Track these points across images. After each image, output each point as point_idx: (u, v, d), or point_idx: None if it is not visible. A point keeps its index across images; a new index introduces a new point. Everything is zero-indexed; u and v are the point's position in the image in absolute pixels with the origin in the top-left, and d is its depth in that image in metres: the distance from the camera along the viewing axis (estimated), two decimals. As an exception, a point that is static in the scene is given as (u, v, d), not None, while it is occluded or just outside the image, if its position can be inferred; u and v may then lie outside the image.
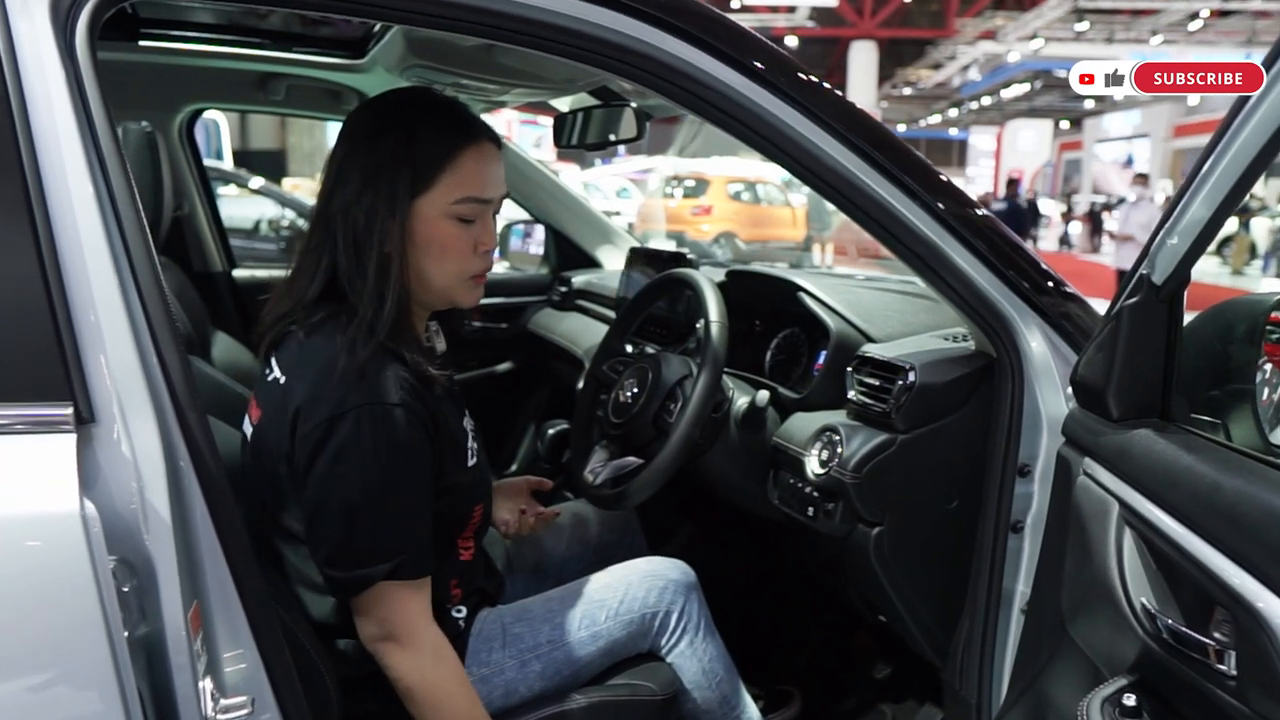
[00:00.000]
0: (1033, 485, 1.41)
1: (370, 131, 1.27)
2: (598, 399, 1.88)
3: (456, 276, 1.30)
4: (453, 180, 1.25)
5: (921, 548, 1.54)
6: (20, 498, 0.82)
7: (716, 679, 1.57)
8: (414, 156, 1.24)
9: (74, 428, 0.85)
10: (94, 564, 0.81)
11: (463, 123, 1.29)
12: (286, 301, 1.29)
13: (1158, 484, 1.00)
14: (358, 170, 1.24)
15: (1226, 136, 0.90)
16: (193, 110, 2.61)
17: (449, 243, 1.27)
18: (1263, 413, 1.14)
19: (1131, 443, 1.08)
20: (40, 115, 0.91)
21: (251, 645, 0.99)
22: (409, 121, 1.26)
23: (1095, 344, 1.15)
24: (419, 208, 1.25)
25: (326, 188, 1.28)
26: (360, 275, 1.24)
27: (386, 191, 1.23)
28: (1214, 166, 0.92)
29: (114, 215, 0.92)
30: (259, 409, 1.29)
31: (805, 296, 1.81)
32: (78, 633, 0.82)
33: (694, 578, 1.56)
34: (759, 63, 1.25)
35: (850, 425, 1.56)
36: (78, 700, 0.83)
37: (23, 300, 0.86)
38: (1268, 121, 0.86)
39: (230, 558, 0.96)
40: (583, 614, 1.46)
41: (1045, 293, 1.39)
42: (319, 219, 1.28)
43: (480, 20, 1.13)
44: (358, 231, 1.24)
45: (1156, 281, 1.05)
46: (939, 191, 1.34)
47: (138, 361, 0.90)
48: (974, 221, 1.35)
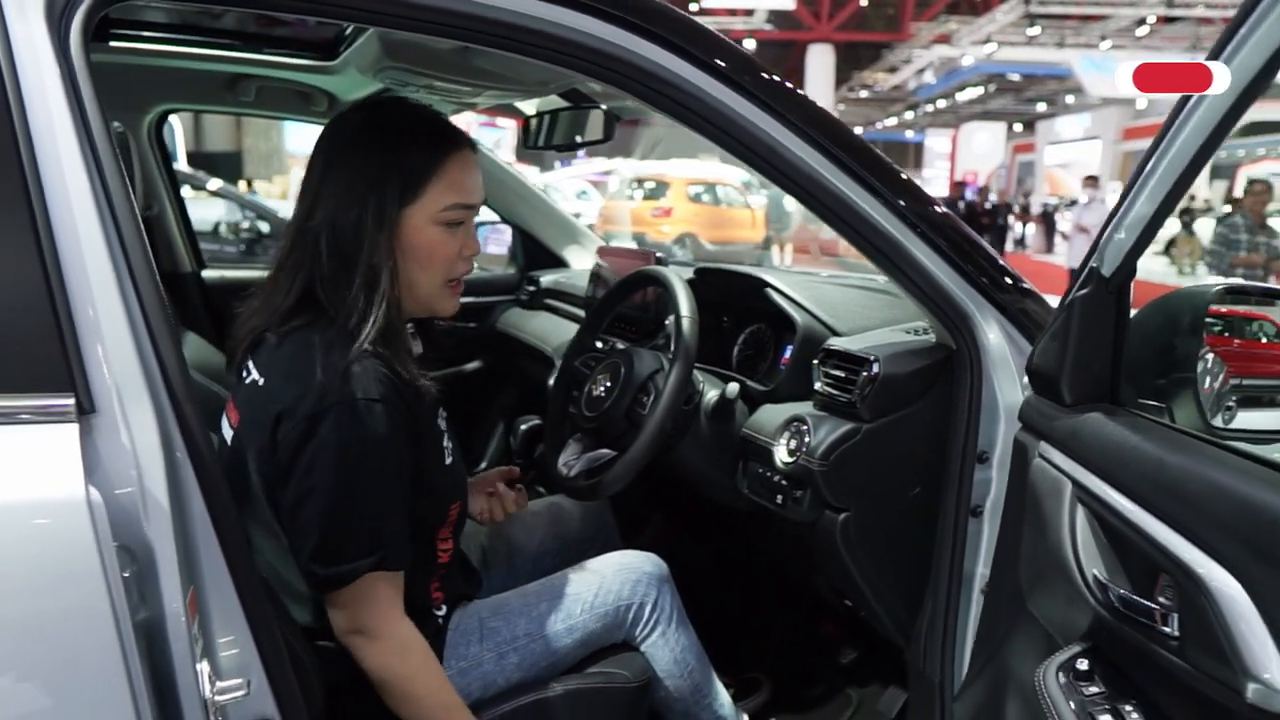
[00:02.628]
0: (991, 471, 1.46)
1: (352, 144, 1.29)
2: (570, 394, 1.92)
3: (442, 282, 1.34)
4: (440, 188, 1.29)
5: (886, 532, 1.59)
6: (28, 483, 0.84)
7: (688, 668, 1.62)
8: (401, 167, 1.27)
9: (76, 418, 0.87)
10: (100, 548, 0.84)
11: (445, 131, 1.33)
12: (263, 313, 1.30)
13: (1108, 463, 1.06)
14: (342, 183, 1.26)
15: (1168, 137, 0.97)
16: (162, 111, 2.61)
17: (437, 249, 1.31)
18: (1205, 399, 1.21)
19: (1083, 426, 1.14)
20: (37, 114, 0.93)
21: (245, 631, 1.01)
22: (393, 132, 1.29)
23: (1049, 334, 1.21)
24: (408, 217, 1.28)
25: (307, 202, 1.29)
26: (346, 286, 1.25)
27: (375, 203, 1.25)
28: (1156, 165, 0.99)
29: (110, 211, 0.94)
30: (237, 412, 1.31)
31: (772, 292, 1.87)
32: (85, 613, 0.84)
33: (666, 570, 1.61)
34: (728, 65, 1.29)
35: (817, 415, 1.61)
36: (85, 678, 0.86)
37: (24, 295, 0.89)
38: (1204, 122, 0.92)
39: (225, 546, 0.98)
40: (559, 607, 1.50)
41: (1002, 287, 1.45)
42: (300, 234, 1.28)
43: (457, 24, 1.16)
44: (344, 245, 1.25)
45: (1105, 274, 1.11)
46: (900, 189, 1.39)
47: (135, 354, 0.93)
48: (934, 219, 1.41)
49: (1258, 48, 0.87)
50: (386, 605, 1.26)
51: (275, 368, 1.25)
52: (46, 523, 0.84)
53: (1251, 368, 1.42)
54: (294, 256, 1.29)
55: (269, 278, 1.33)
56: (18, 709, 0.86)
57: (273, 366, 1.26)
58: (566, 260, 3.09)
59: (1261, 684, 0.80)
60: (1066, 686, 1.05)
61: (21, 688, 0.85)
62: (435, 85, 1.90)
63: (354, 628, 1.26)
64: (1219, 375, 1.35)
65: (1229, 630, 0.82)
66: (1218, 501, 0.88)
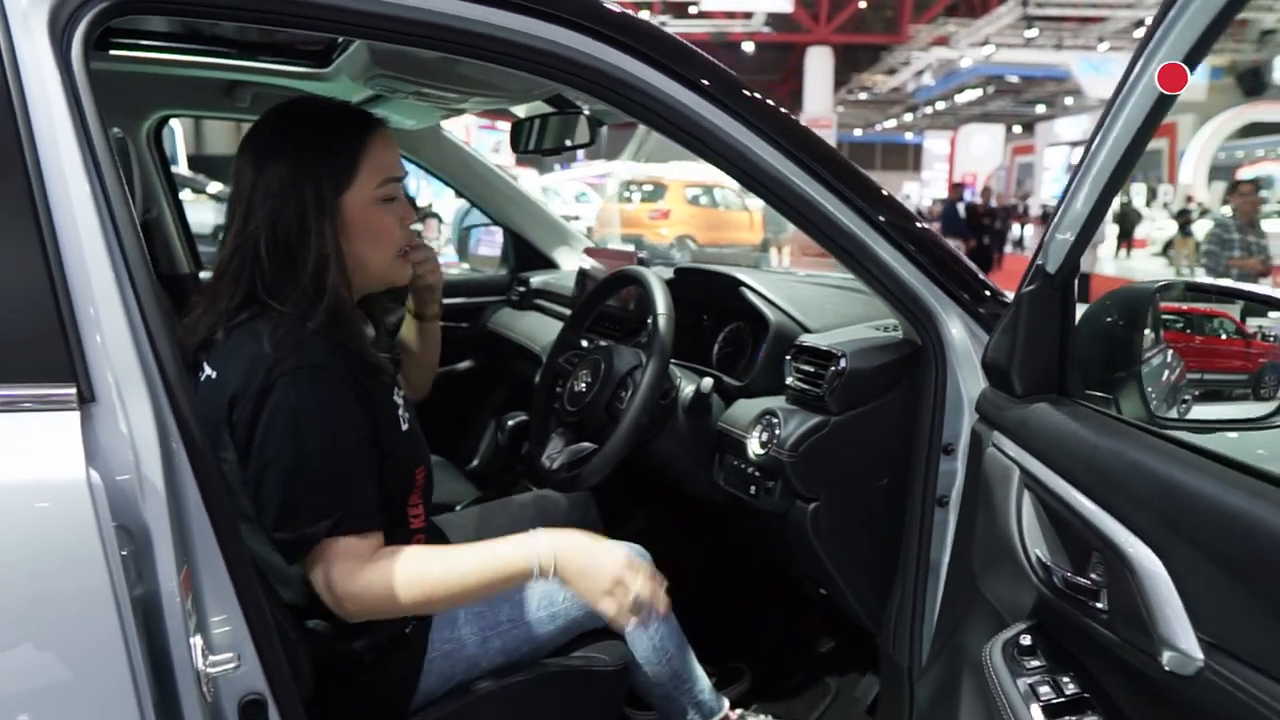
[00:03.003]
0: (956, 462, 1.52)
1: (277, 146, 1.34)
2: (554, 390, 1.98)
3: (392, 255, 1.42)
4: (370, 168, 1.36)
5: (855, 522, 1.65)
6: (32, 466, 0.90)
7: (667, 655, 1.68)
8: (331, 156, 1.34)
9: (77, 406, 0.94)
10: (100, 527, 0.90)
11: (360, 115, 1.41)
12: (209, 317, 1.34)
13: (1050, 450, 1.13)
14: (276, 184, 1.32)
15: (1097, 141, 1.03)
16: (161, 116, 2.67)
17: (382, 225, 1.39)
18: (1159, 391, 1.28)
19: (1030, 415, 1.20)
20: (40, 122, 0.98)
21: (236, 609, 1.06)
22: (314, 127, 1.36)
23: (1001, 328, 1.28)
24: (347, 201, 1.35)
25: (241, 209, 1.34)
26: (290, 282, 1.31)
27: (314, 195, 1.32)
28: (1089, 168, 1.05)
29: (109, 214, 1.00)
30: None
31: (747, 291, 1.93)
32: (87, 588, 0.90)
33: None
34: (698, 75, 1.35)
35: (788, 409, 1.68)
36: (87, 650, 0.92)
37: (29, 290, 0.95)
38: (1129, 125, 0.99)
39: (217, 529, 1.04)
40: (542, 594, 1.55)
41: (964, 286, 1.51)
42: (239, 241, 1.33)
43: (441, 37, 1.22)
44: (289, 241, 1.31)
45: (1050, 271, 1.18)
46: (865, 194, 1.45)
47: (133, 347, 0.98)
48: (897, 221, 1.47)
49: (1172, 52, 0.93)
50: (353, 563, 1.26)
51: (225, 358, 1.30)
52: (51, 504, 0.90)
53: (1212, 363, 1.49)
54: (234, 263, 1.33)
55: (209, 287, 1.37)
56: (22, 680, 0.92)
57: (225, 359, 1.30)
58: (556, 261, 3.15)
59: (1177, 652, 0.86)
60: (1011, 661, 1.11)
61: (26, 659, 0.91)
62: (424, 92, 1.97)
63: (328, 588, 1.27)
64: (1176, 369, 1.41)
65: (1149, 603, 0.89)
66: (1141, 482, 0.94)
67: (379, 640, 1.42)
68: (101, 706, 0.94)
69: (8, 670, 0.91)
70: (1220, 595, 0.82)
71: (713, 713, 1.78)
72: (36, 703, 0.92)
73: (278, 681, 1.10)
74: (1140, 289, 1.26)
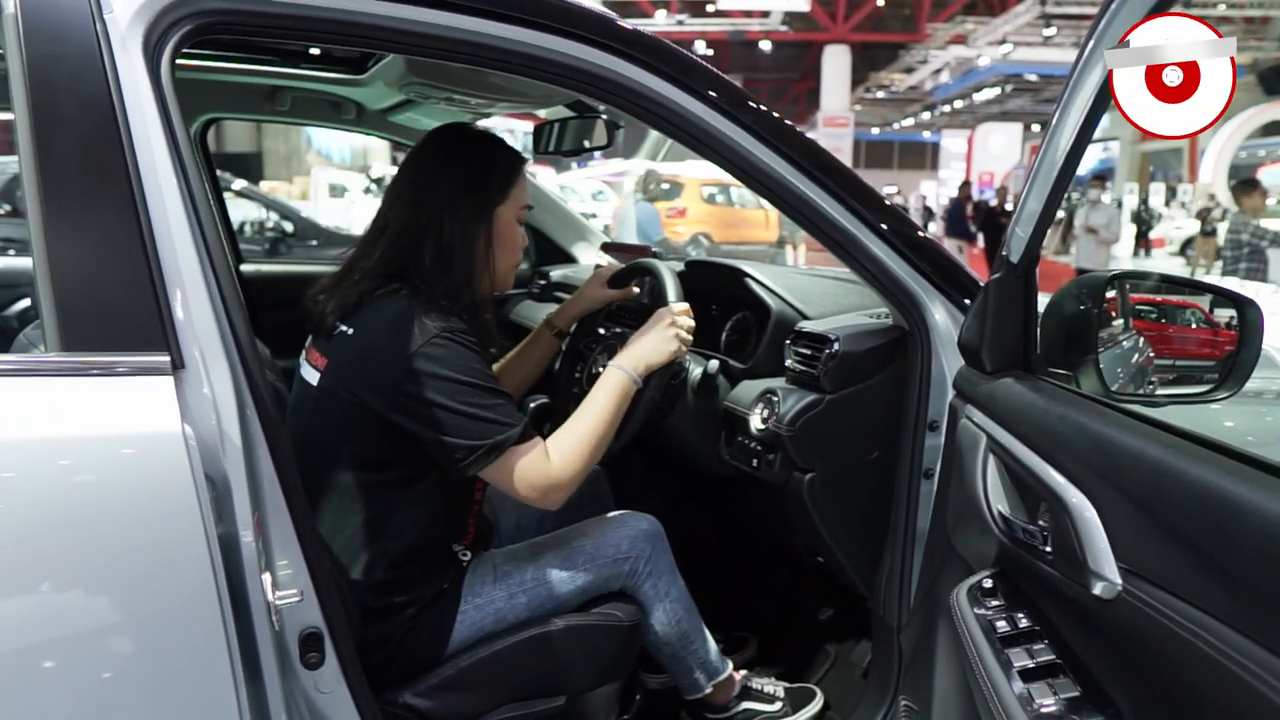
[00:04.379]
0: (940, 438, 1.66)
1: (446, 162, 1.61)
2: (574, 374, 2.15)
3: (512, 266, 1.69)
4: (517, 191, 1.65)
5: (848, 491, 1.81)
6: (138, 420, 1.07)
7: (676, 617, 1.82)
8: (495, 174, 1.62)
9: (170, 372, 1.10)
10: (194, 474, 1.06)
11: (513, 150, 1.68)
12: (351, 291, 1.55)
13: (1011, 418, 1.28)
14: (445, 192, 1.58)
15: (1046, 142, 1.18)
16: (207, 119, 2.85)
17: (516, 240, 1.68)
18: (1124, 370, 1.42)
19: (997, 389, 1.36)
20: (136, 128, 1.15)
21: (299, 554, 1.22)
22: (480, 150, 1.64)
23: (972, 312, 1.43)
24: (499, 214, 1.62)
25: (406, 212, 1.59)
26: (442, 274, 1.55)
27: (479, 203, 1.60)
28: (1039, 171, 1.20)
29: (193, 207, 1.16)
30: (324, 358, 1.56)
31: (751, 282, 2.09)
32: (183, 524, 1.06)
33: (660, 528, 1.81)
34: (704, 84, 1.51)
35: (787, 388, 1.83)
36: (182, 575, 1.08)
37: (129, 273, 1.11)
38: (1071, 126, 1.14)
39: (283, 481, 1.20)
40: (564, 557, 1.71)
41: (946, 276, 1.66)
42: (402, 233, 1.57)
43: (476, 53, 1.39)
44: (452, 239, 1.56)
45: (1013, 261, 1.33)
46: (857, 193, 1.61)
47: (214, 323, 1.14)
48: (885, 217, 1.62)
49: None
50: (541, 459, 1.51)
51: (369, 319, 1.52)
52: (154, 451, 1.06)
53: (1183, 350, 1.63)
54: (389, 252, 1.57)
55: (349, 268, 1.60)
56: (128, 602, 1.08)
57: (367, 319, 1.52)
58: (575, 256, 3.32)
59: (1104, 579, 1.01)
60: (974, 603, 1.27)
61: (133, 579, 1.07)
62: (454, 98, 2.13)
63: (531, 485, 1.50)
64: (1144, 353, 1.56)
65: (1081, 540, 1.04)
66: (1081, 440, 1.10)
67: (419, 594, 1.59)
68: (195, 632, 1.09)
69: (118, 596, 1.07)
70: (1135, 529, 0.97)
71: (718, 672, 1.91)
72: (141, 627, 1.08)
73: (333, 617, 1.26)
74: (1098, 277, 1.41)
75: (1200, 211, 18.21)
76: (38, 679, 1.04)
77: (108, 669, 1.07)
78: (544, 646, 1.65)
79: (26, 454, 1.03)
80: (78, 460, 1.05)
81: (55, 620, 1.04)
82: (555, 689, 1.67)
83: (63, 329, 1.08)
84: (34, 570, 1.03)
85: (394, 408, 1.47)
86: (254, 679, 1.15)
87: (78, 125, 1.13)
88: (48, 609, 1.04)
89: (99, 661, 1.06)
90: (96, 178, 1.12)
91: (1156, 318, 1.66)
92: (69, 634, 1.05)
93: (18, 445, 1.03)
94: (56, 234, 1.09)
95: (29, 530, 1.02)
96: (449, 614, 1.61)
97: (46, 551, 1.03)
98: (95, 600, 1.06)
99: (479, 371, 1.48)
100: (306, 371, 1.61)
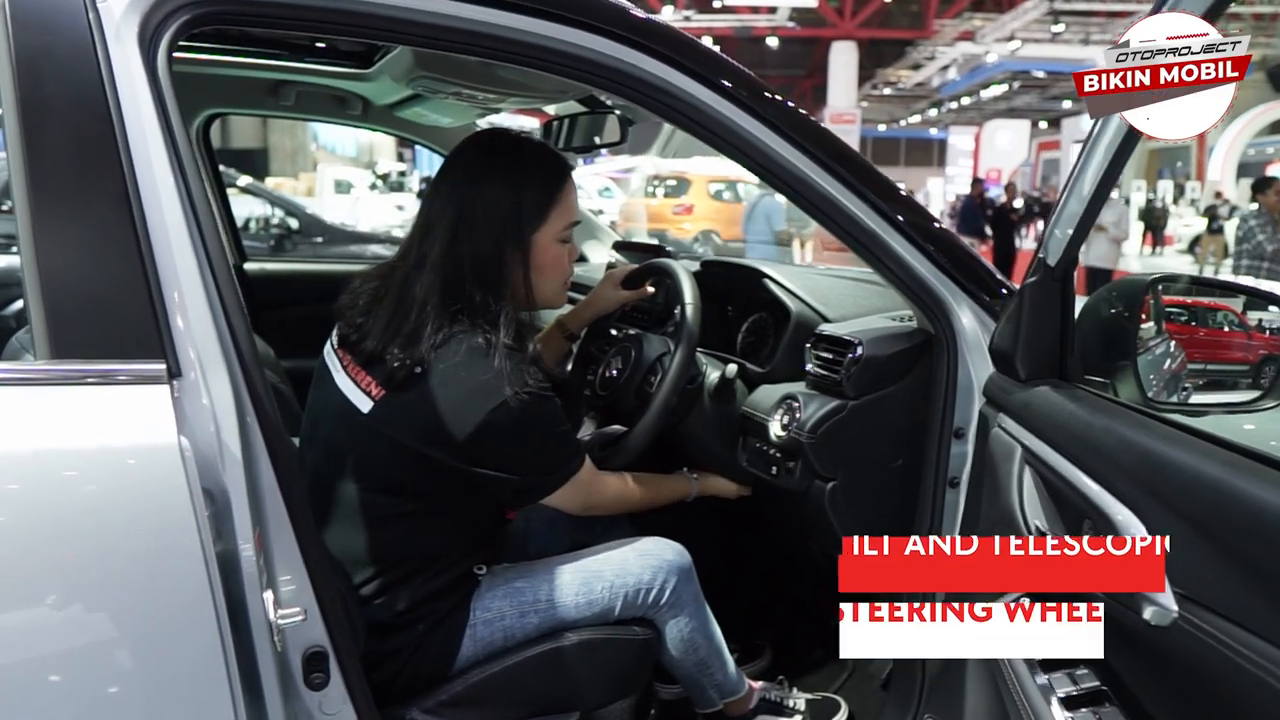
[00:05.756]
0: (967, 445, 1.60)
1: (478, 182, 1.51)
2: (585, 376, 2.09)
3: (560, 285, 1.62)
4: (558, 212, 1.55)
5: (870, 501, 1.75)
6: (131, 432, 1.02)
7: (694, 647, 1.73)
8: (529, 199, 1.52)
9: (167, 380, 1.05)
10: (190, 487, 1.01)
11: (558, 162, 1.58)
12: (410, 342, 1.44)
13: (1050, 428, 1.22)
14: (479, 219, 1.49)
15: (1091, 140, 1.12)
16: (210, 115, 2.80)
17: (559, 262, 1.59)
18: (1158, 377, 1.36)
19: (1033, 398, 1.30)
20: (132, 124, 1.09)
21: (302, 570, 1.16)
22: (518, 167, 1.54)
23: (1006, 317, 1.37)
24: (536, 240, 1.53)
25: (445, 236, 1.49)
26: (488, 304, 1.47)
27: (514, 234, 1.51)
28: (1084, 170, 1.14)
29: (191, 206, 1.11)
30: (381, 389, 1.47)
31: (770, 283, 2.03)
32: (178, 541, 1.01)
33: (688, 560, 1.71)
34: (724, 79, 1.45)
35: (808, 394, 1.77)
36: (179, 600, 1.03)
37: (124, 276, 1.05)
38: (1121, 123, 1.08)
39: (286, 494, 1.14)
40: (581, 581, 1.62)
41: (974, 278, 1.60)
42: (443, 265, 1.47)
43: (485, 45, 1.33)
44: (489, 272, 1.48)
45: (1051, 264, 1.27)
46: (880, 190, 1.54)
47: (213, 328, 1.09)
48: (911, 217, 1.56)
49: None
50: (596, 482, 1.62)
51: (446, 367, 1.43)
52: (148, 465, 1.01)
53: (1216, 354, 1.57)
54: (435, 290, 1.47)
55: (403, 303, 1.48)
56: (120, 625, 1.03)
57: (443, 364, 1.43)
58: (585, 255, 3.26)
59: (1157, 605, 0.95)
60: (1011, 623, 1.20)
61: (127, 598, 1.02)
62: (462, 92, 2.07)
63: (585, 505, 1.63)
64: (1177, 358, 1.49)
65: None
66: (1127, 454, 1.04)
67: (432, 609, 1.53)
68: (190, 652, 1.05)
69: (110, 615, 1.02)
70: (1193, 552, 0.91)
71: (734, 692, 1.84)
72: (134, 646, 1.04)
73: (338, 635, 1.21)
74: (1137, 281, 1.35)
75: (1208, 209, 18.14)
76: (26, 699, 0.99)
77: (100, 692, 1.02)
78: (556, 662, 1.60)
79: (8, 469, 0.98)
80: (65, 475, 1.00)
81: (44, 640, 1.00)
82: (568, 705, 1.62)
83: (52, 335, 1.03)
84: (20, 591, 0.98)
85: (461, 459, 1.44)
86: (255, 701, 1.11)
87: (69, 120, 1.08)
88: (35, 629, 1.00)
89: (91, 684, 1.02)
90: (89, 175, 1.07)
91: (1187, 320, 1.60)
92: (59, 655, 1.01)
93: (1, 459, 0.98)
94: (46, 235, 1.04)
95: (12, 550, 0.97)
96: (459, 629, 1.55)
97: (33, 571, 0.99)
98: (86, 620, 1.02)
99: (554, 421, 1.51)
100: (349, 389, 1.51)
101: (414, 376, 1.44)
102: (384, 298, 1.51)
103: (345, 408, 1.50)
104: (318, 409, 1.58)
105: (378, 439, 1.47)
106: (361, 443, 1.49)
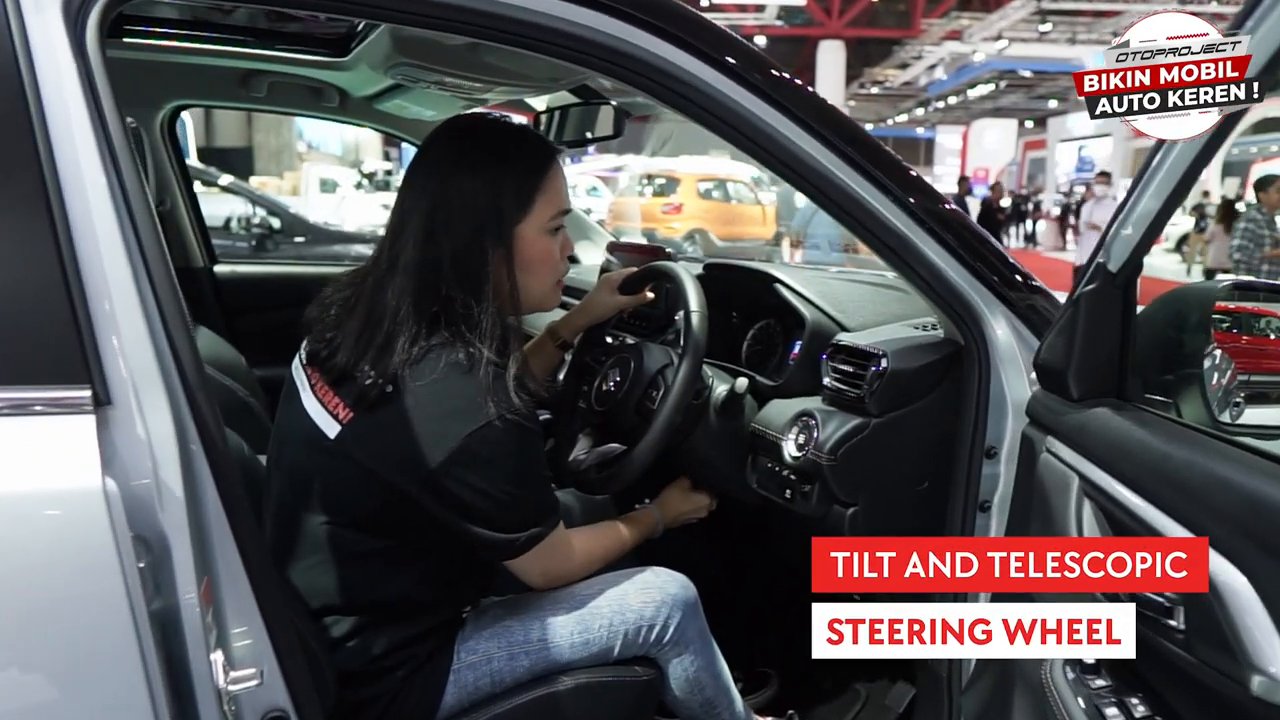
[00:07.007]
0: (999, 466, 1.47)
1: (453, 171, 1.33)
2: (580, 389, 1.93)
3: (551, 284, 1.44)
4: (544, 199, 1.36)
5: (894, 527, 1.60)
6: (46, 474, 0.86)
7: (700, 686, 1.58)
8: (510, 186, 1.34)
9: (93, 409, 0.89)
10: (116, 538, 0.85)
11: (541, 145, 1.40)
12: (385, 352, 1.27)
13: (1114, 457, 1.07)
14: (455, 213, 1.31)
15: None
16: (175, 106, 2.64)
17: (547, 256, 1.40)
18: (1212, 394, 1.22)
19: (1090, 420, 1.15)
20: (54, 110, 0.94)
21: (258, 621, 1.02)
22: (496, 154, 1.35)
23: (1056, 329, 1.22)
24: (521, 232, 1.35)
25: (418, 236, 1.31)
26: (469, 308, 1.29)
27: (494, 223, 1.32)
28: (1163, 161, 0.99)
29: (126, 206, 0.95)
30: (349, 411, 1.29)
31: (781, 288, 1.87)
32: (101, 603, 0.86)
33: (694, 594, 1.56)
34: (738, 62, 1.30)
35: (825, 410, 1.62)
36: (102, 667, 0.87)
37: (41, 287, 0.90)
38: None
39: (239, 537, 0.99)
40: (577, 619, 1.47)
41: (1010, 284, 1.46)
42: (420, 266, 1.30)
43: (472, 21, 1.18)
44: (471, 271, 1.30)
45: (1112, 269, 1.12)
46: (910, 186, 1.40)
47: (151, 347, 0.94)
48: (943, 216, 1.42)
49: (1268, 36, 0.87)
50: (564, 549, 1.44)
51: (420, 385, 1.26)
52: (65, 513, 0.85)
53: (1260, 364, 1.43)
54: (409, 297, 1.29)
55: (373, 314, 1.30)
56: (34, 696, 0.88)
57: (417, 382, 1.26)
58: (577, 256, 3.10)
59: (1267, 676, 0.80)
60: (1074, 681, 1.06)
61: (38, 676, 0.87)
62: (445, 81, 1.92)
63: (544, 574, 1.44)
64: (1226, 371, 1.35)
65: (1234, 623, 0.83)
66: (1222, 495, 0.89)
67: (411, 654, 1.38)
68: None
69: (21, 685, 0.87)
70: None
71: None
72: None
73: (301, 696, 1.07)
74: (1202, 289, 1.21)
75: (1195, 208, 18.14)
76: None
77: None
78: (551, 709, 1.45)
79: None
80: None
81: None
82: (563, 755, 1.46)
83: (-48, 358, 0.86)
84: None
85: (427, 491, 1.26)
86: (202, 782, 0.95)
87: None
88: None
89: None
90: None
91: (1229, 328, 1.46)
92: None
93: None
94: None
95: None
96: (441, 675, 1.40)
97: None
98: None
99: (537, 460, 1.35)
100: (316, 412, 1.33)
101: (385, 396, 1.26)
102: (355, 308, 1.34)
103: (311, 433, 1.33)
104: (284, 432, 1.41)
105: (345, 466, 1.29)
106: (328, 470, 1.32)
